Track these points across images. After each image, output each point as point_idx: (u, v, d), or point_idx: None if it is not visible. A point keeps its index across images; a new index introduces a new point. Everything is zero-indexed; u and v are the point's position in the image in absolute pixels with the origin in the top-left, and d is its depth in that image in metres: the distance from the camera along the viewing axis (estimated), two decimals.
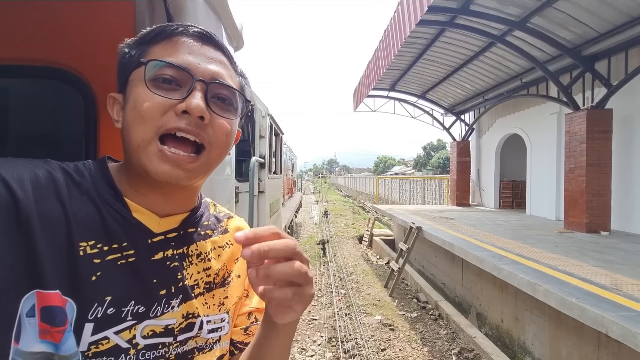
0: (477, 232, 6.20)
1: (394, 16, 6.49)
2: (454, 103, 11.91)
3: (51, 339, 0.42)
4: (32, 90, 1.17)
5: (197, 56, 0.50)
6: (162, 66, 0.48)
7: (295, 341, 4.26)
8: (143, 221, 0.51)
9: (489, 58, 8.43)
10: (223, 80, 0.51)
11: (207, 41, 0.52)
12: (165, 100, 0.47)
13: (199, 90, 0.48)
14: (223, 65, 0.53)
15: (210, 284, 0.58)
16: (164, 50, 0.49)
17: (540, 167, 8.91)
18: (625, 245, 5.14)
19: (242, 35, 1.25)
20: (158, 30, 0.51)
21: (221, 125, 0.51)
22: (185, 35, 0.51)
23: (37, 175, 0.45)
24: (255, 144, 3.82)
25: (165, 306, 0.51)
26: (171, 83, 0.48)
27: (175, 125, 0.47)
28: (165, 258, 0.52)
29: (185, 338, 0.53)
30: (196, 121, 0.48)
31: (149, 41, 0.51)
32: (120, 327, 0.46)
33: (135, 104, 0.48)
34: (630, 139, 6.32)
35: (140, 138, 0.47)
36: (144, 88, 0.47)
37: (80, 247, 0.45)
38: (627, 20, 5.59)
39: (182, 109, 0.47)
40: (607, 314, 2.62)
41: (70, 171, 0.49)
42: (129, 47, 0.51)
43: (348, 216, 17.28)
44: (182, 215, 0.57)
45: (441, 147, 60.44)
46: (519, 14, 6.23)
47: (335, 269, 7.54)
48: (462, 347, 4.15)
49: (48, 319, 0.41)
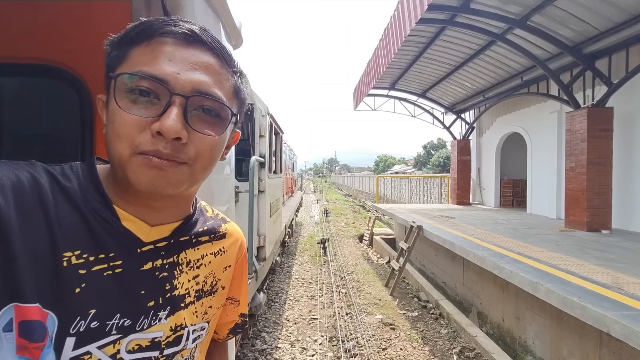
0: (477, 231, 6.19)
1: (394, 14, 6.47)
2: (454, 102, 11.89)
3: (29, 355, 0.39)
4: (27, 88, 1.16)
5: (178, 63, 0.45)
6: (137, 79, 0.43)
7: (296, 341, 4.25)
8: (132, 230, 0.49)
9: (490, 56, 8.41)
10: (208, 91, 0.46)
11: (194, 42, 0.47)
12: (140, 120, 0.43)
13: (177, 106, 0.44)
14: (209, 71, 0.47)
15: (199, 292, 0.57)
16: (142, 56, 0.45)
17: (541, 166, 8.89)
18: (626, 244, 5.12)
19: (241, 33, 1.24)
20: (140, 28, 0.46)
21: (204, 142, 0.47)
22: (168, 36, 0.45)
23: (20, 179, 0.42)
24: (255, 143, 3.81)
25: (153, 318, 0.49)
26: (149, 95, 0.44)
27: (149, 149, 0.43)
28: (154, 268, 0.50)
29: (172, 352, 0.51)
30: (173, 144, 0.44)
31: (129, 41, 0.46)
32: (103, 342, 0.44)
33: (112, 119, 0.45)
34: (631, 137, 6.30)
35: (119, 155, 0.44)
36: (115, 104, 0.44)
37: (64, 257, 0.43)
38: (628, 18, 5.56)
39: (157, 130, 0.43)
40: (608, 313, 2.61)
41: (57, 175, 0.46)
42: (112, 46, 0.47)
43: (348, 215, 17.27)
44: (174, 224, 0.54)
45: (441, 145, 60.42)
46: (520, 12, 6.21)
47: (335, 268, 7.53)
48: (463, 346, 4.14)
49: (26, 335, 0.39)
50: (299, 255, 8.73)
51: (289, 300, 5.62)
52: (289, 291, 6.05)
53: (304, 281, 6.64)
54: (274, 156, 5.10)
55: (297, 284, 6.49)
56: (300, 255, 8.67)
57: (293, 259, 8.28)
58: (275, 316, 4.95)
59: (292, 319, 4.88)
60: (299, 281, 6.64)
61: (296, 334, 4.45)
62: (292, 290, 6.09)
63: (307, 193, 32.25)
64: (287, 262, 7.99)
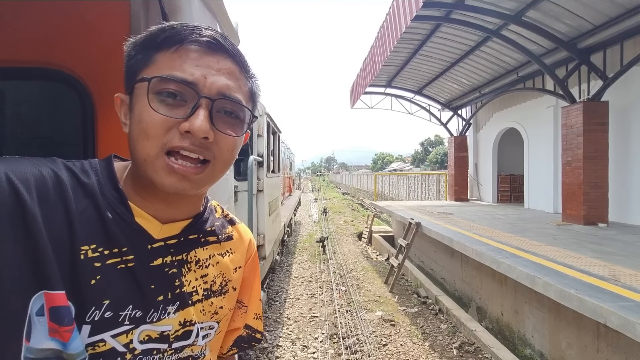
0: (475, 227, 6.23)
1: (390, 12, 6.48)
2: (450, 98, 11.91)
3: (59, 337, 0.43)
4: (28, 92, 1.16)
5: (204, 68, 0.48)
6: (167, 81, 0.46)
7: (297, 339, 4.27)
8: (145, 226, 0.51)
9: (485, 52, 8.43)
10: (230, 95, 0.50)
11: (217, 49, 0.50)
12: (169, 120, 0.46)
13: (204, 108, 0.47)
14: (233, 76, 0.51)
15: (208, 291, 0.59)
16: (170, 61, 0.47)
17: (538, 161, 8.94)
18: (623, 237, 5.17)
19: (238, 33, 1.24)
20: (166, 34, 0.48)
21: (226, 142, 0.51)
22: (193, 43, 0.48)
23: (43, 175, 0.45)
24: (253, 142, 3.82)
25: (162, 312, 0.51)
26: (176, 97, 0.47)
27: (178, 144, 0.47)
28: (164, 264, 0.53)
29: (181, 346, 0.54)
30: (200, 141, 0.47)
31: (156, 46, 0.48)
32: (117, 331, 0.47)
33: (139, 119, 0.47)
34: (627, 131, 6.35)
35: (146, 153, 0.47)
36: (147, 105, 0.46)
37: (82, 250, 0.45)
38: (622, 12, 5.59)
39: (186, 129, 0.46)
40: (605, 305, 2.64)
41: (76, 171, 0.49)
42: (135, 50, 0.49)
43: (347, 213, 17.29)
44: (184, 222, 0.56)
45: (439, 142, 60.49)
46: (515, 8, 6.23)
47: (335, 266, 7.55)
48: (462, 341, 4.17)
49: (56, 319, 0.42)
50: (298, 254, 8.75)
51: (289, 298, 5.64)
52: (289, 290, 6.06)
53: (303, 279, 6.66)
54: (272, 155, 5.11)
55: (297, 282, 6.51)
56: (299, 254, 8.69)
57: (292, 258, 8.29)
58: (275, 315, 4.97)
59: (293, 317, 4.89)
60: (298, 280, 6.66)
61: (297, 332, 4.47)
62: (292, 289, 6.11)
63: (306, 192, 32.25)
64: (286, 261, 8.00)
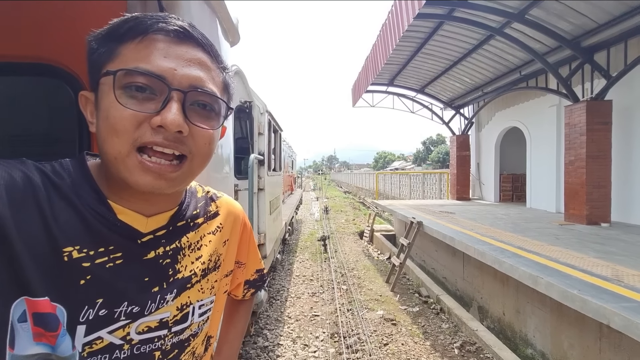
0: (477, 226, 6.20)
1: (392, 10, 6.44)
2: (453, 97, 11.86)
3: (46, 341, 0.42)
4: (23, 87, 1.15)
5: (173, 59, 0.45)
6: (134, 74, 0.43)
7: (298, 337, 4.27)
8: (130, 223, 0.50)
9: (488, 51, 8.38)
10: (203, 87, 0.47)
11: (186, 38, 0.47)
12: (139, 114, 0.43)
13: (176, 101, 0.44)
14: (203, 67, 0.48)
15: (205, 270, 0.59)
16: (136, 52, 0.44)
17: (540, 160, 8.89)
18: (625, 237, 5.14)
19: (238, 30, 1.23)
20: (129, 25, 0.45)
21: (202, 135, 0.48)
22: (160, 33, 0.45)
23: (13, 178, 0.42)
24: (254, 141, 3.80)
25: (160, 302, 0.51)
26: (145, 91, 0.44)
27: (151, 140, 0.44)
28: (157, 256, 0.52)
29: (181, 329, 0.54)
30: (174, 135, 0.45)
31: (119, 38, 0.45)
32: (113, 327, 0.46)
33: (107, 115, 0.44)
34: (630, 130, 6.30)
35: (116, 151, 0.44)
36: (115, 100, 0.43)
37: (64, 252, 0.43)
38: (626, 11, 5.54)
39: (158, 123, 0.43)
40: (608, 305, 2.62)
41: (48, 172, 0.46)
42: (97, 42, 0.46)
43: (348, 212, 17.28)
44: (169, 212, 0.55)
45: (440, 141, 60.34)
46: (518, 6, 6.18)
47: (336, 265, 7.55)
48: (464, 341, 4.16)
49: (41, 324, 0.41)
50: (299, 252, 8.75)
51: (290, 297, 5.64)
52: (290, 288, 6.06)
53: (304, 278, 6.65)
54: (273, 154, 5.09)
55: (298, 281, 6.51)
56: (300, 253, 8.69)
57: (294, 257, 8.29)
58: (276, 313, 4.97)
59: (294, 316, 4.89)
60: (300, 278, 6.66)
61: (298, 330, 4.46)
62: (293, 288, 6.11)
63: (307, 191, 32.26)
64: (287, 259, 8.00)
